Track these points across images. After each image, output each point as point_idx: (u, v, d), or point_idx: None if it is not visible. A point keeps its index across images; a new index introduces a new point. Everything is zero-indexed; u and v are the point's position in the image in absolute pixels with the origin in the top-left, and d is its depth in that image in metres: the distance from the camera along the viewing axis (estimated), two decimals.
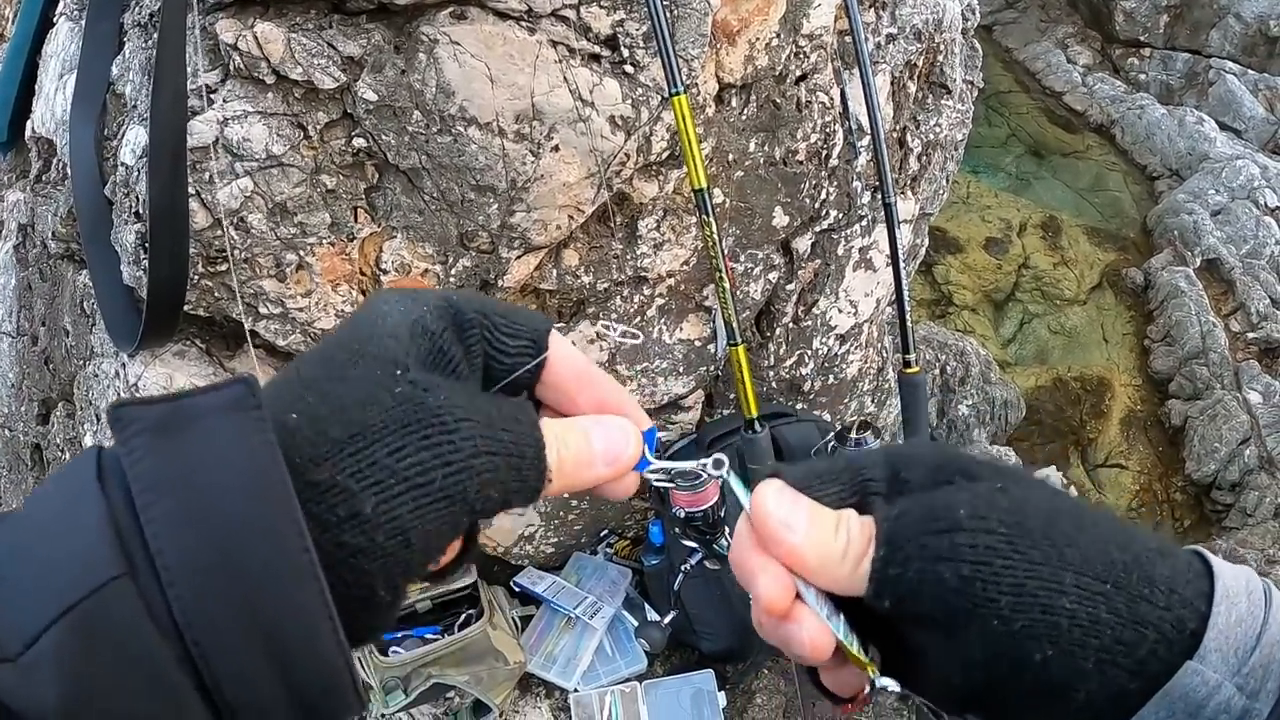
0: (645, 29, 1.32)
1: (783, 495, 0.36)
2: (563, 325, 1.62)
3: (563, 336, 0.38)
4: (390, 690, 1.77)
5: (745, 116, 1.58)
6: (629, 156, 1.41)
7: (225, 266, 1.35)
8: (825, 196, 1.76)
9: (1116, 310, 4.11)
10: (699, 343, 1.78)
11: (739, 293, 1.77)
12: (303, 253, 1.36)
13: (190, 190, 1.27)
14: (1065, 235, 4.32)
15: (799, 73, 1.61)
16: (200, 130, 1.25)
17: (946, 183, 2.24)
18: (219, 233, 1.31)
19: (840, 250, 1.87)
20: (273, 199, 1.30)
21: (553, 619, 1.99)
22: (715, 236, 1.15)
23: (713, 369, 1.85)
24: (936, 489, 0.36)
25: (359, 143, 1.31)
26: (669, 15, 1.36)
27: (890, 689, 0.38)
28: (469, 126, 1.29)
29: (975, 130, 2.27)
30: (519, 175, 1.34)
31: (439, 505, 0.31)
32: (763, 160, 1.63)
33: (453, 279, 1.43)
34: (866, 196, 1.83)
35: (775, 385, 1.97)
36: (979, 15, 2.17)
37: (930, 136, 1.96)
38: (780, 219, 1.71)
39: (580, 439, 0.36)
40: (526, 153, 1.33)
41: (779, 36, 1.53)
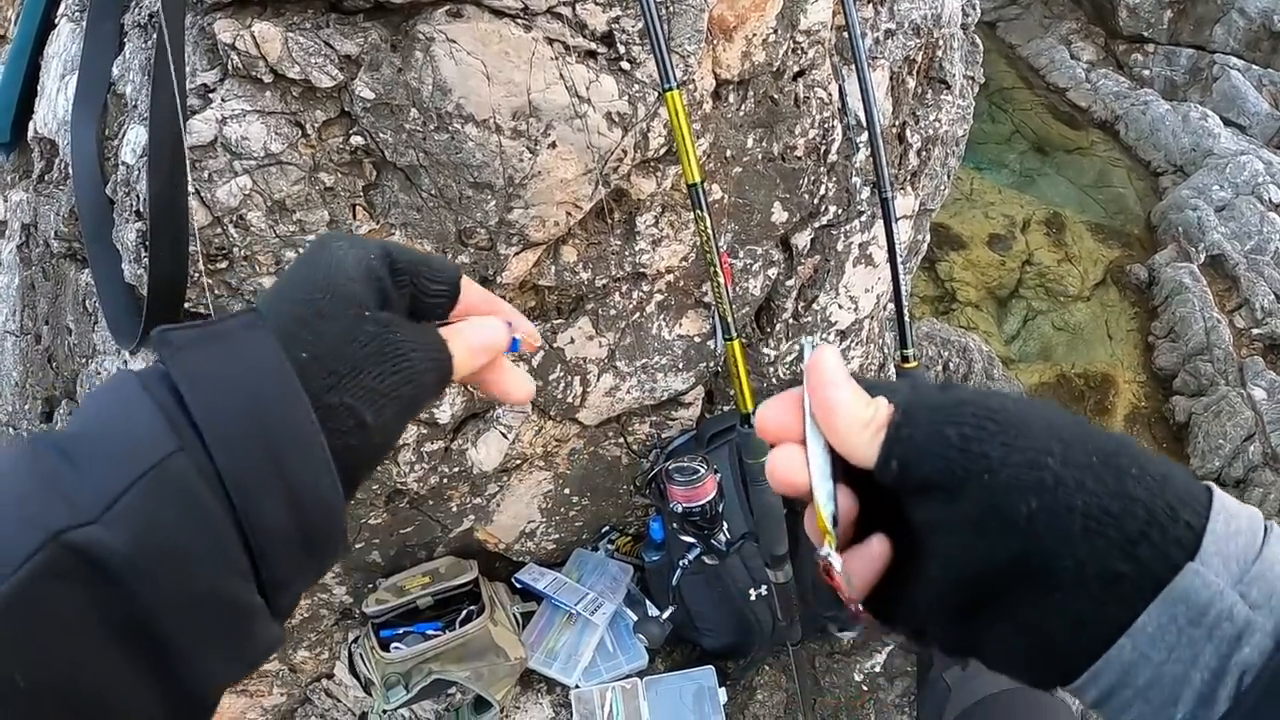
0: (641, 25, 1.33)
1: (838, 362, 0.43)
2: (561, 321, 1.63)
3: (469, 279, 0.50)
4: (391, 686, 1.78)
5: (743, 112, 1.58)
6: (626, 153, 1.42)
7: (225, 264, 1.36)
8: (824, 192, 1.76)
9: (1120, 307, 4.10)
10: (699, 339, 1.78)
11: (738, 288, 1.77)
12: (302, 249, 1.37)
13: (190, 188, 1.28)
14: (1069, 232, 4.31)
15: (797, 68, 1.61)
16: (199, 129, 1.26)
17: (948, 178, 2.24)
18: (219, 230, 1.32)
19: (840, 246, 1.87)
20: (271, 197, 1.31)
21: (554, 615, 2.00)
22: (710, 232, 1.15)
23: (712, 365, 1.85)
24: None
25: (357, 140, 1.31)
26: (666, 11, 1.36)
27: (847, 577, 0.40)
28: (466, 124, 1.30)
29: (979, 127, 2.27)
30: (516, 172, 1.35)
31: (409, 405, 0.44)
32: (761, 156, 1.63)
33: None
34: (866, 192, 1.83)
35: (776, 381, 1.97)
36: (980, 11, 2.17)
37: (930, 132, 1.96)
38: (779, 215, 1.72)
39: (458, 338, 0.48)
40: (524, 149, 1.34)
41: (776, 32, 1.53)
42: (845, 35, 1.64)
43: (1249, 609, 0.34)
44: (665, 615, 1.76)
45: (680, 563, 1.72)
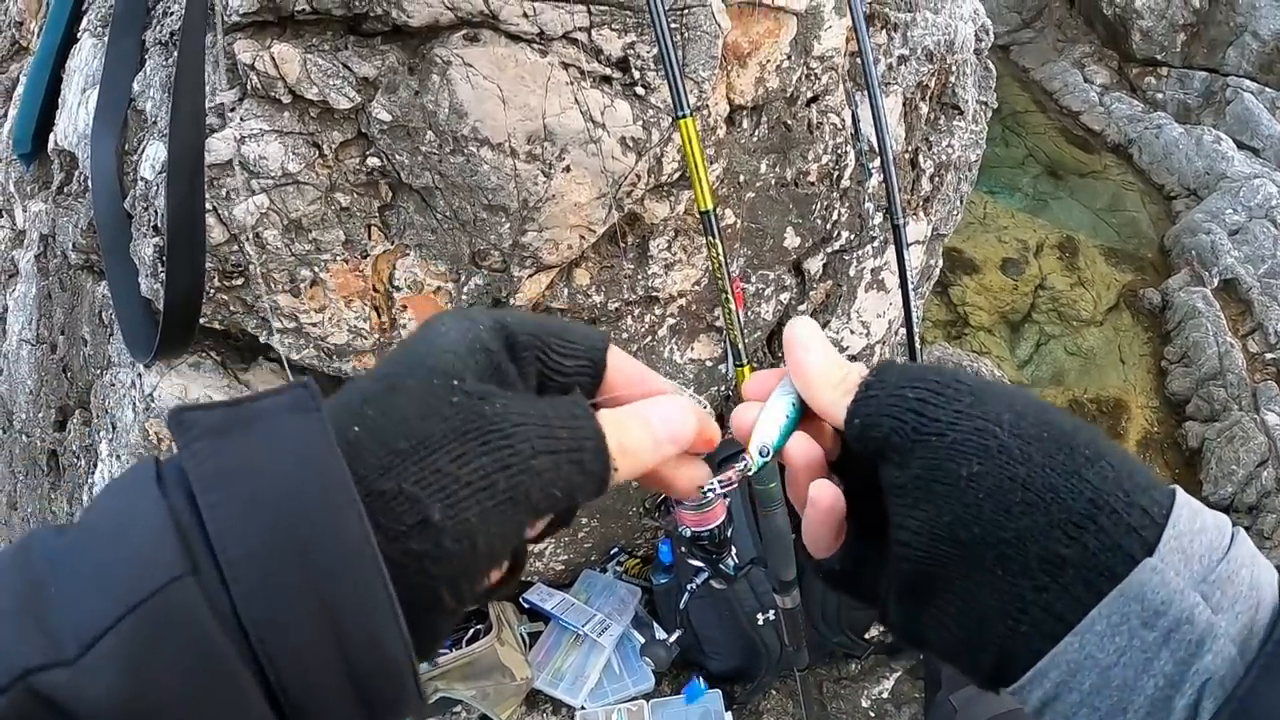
0: (656, 51, 1.34)
1: (812, 328, 0.42)
2: None
3: (617, 348, 0.40)
4: None
5: (756, 138, 1.58)
6: (640, 177, 1.42)
7: (240, 281, 1.37)
8: (837, 217, 1.77)
9: (1133, 331, 4.08)
10: (710, 363, 1.78)
11: (751, 313, 1.77)
12: (317, 269, 1.38)
13: (207, 206, 1.29)
14: (1082, 256, 4.30)
15: (810, 94, 1.62)
16: (218, 148, 1.27)
17: (960, 203, 2.24)
18: (235, 248, 1.33)
19: (852, 271, 1.87)
20: (288, 216, 1.32)
21: (561, 636, 1.99)
22: (721, 258, 1.16)
23: (724, 389, 1.85)
24: None
25: (373, 162, 1.32)
26: (680, 38, 1.37)
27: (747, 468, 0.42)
28: (481, 147, 1.31)
29: (992, 150, 2.28)
30: (530, 195, 1.35)
31: (503, 508, 0.32)
32: (774, 181, 1.64)
33: (464, 297, 1.44)
34: (878, 217, 1.83)
35: None
36: (994, 35, 2.17)
37: (943, 157, 1.96)
38: (792, 240, 1.72)
39: (638, 421, 0.38)
40: (538, 173, 1.34)
41: (790, 58, 1.54)
42: (859, 61, 1.65)
43: (1211, 612, 0.31)
44: (672, 638, 1.75)
45: (688, 586, 1.71)
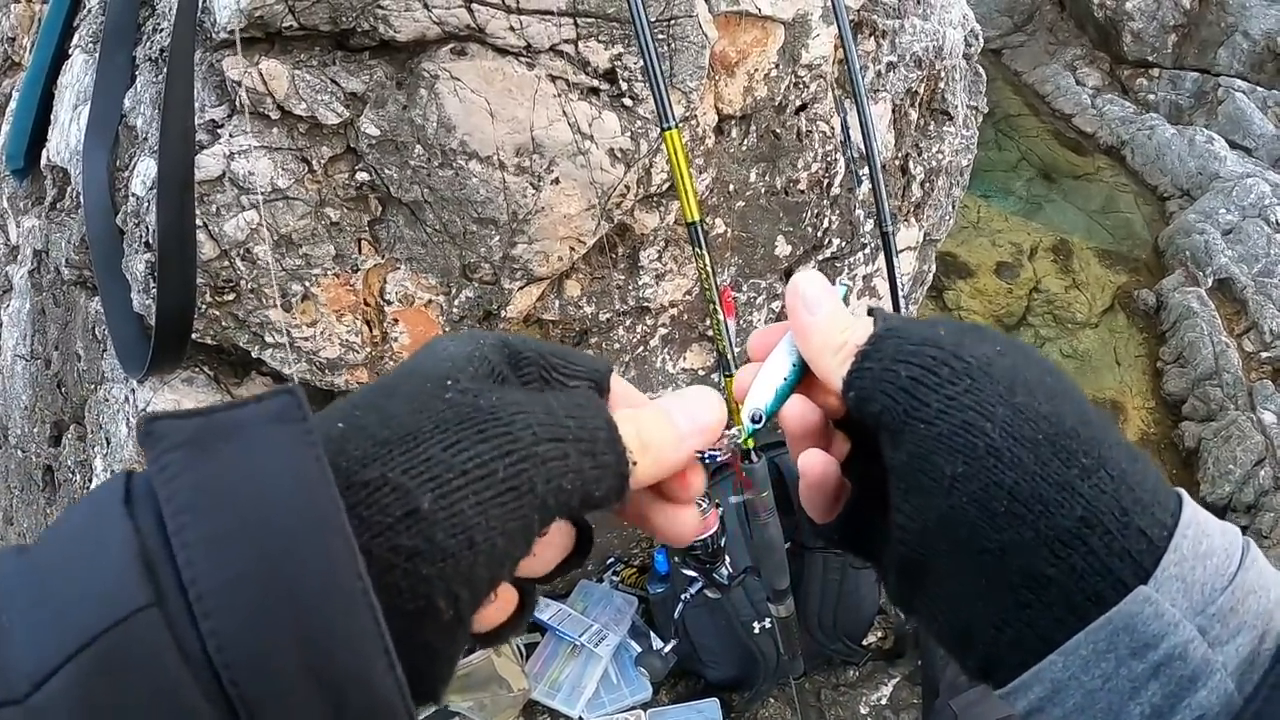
0: (644, 63, 1.34)
1: (819, 286, 0.39)
2: None
3: (620, 378, 0.37)
4: None
5: (745, 147, 1.59)
6: (629, 188, 1.43)
7: (232, 296, 1.37)
8: (828, 225, 1.77)
9: (1128, 332, 4.08)
10: (702, 372, 1.78)
11: (742, 322, 1.77)
12: (308, 284, 1.38)
13: (198, 222, 1.29)
14: (1076, 258, 4.31)
15: (799, 102, 1.62)
16: (207, 164, 1.28)
17: (953, 208, 2.25)
18: (226, 263, 1.33)
19: (843, 279, 1.87)
20: (278, 231, 1.32)
21: (558, 646, 1.99)
22: (709, 270, 1.16)
23: None
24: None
25: (362, 176, 1.32)
26: (667, 48, 1.37)
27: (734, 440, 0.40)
28: (470, 160, 1.31)
29: (985, 154, 2.28)
30: (520, 208, 1.36)
31: (504, 499, 0.29)
32: (764, 190, 1.64)
33: (455, 310, 1.44)
34: (869, 224, 1.83)
35: None
36: (985, 40, 2.18)
37: (933, 163, 1.97)
38: (783, 248, 1.72)
39: (658, 415, 0.35)
40: (527, 185, 1.35)
41: (778, 67, 1.55)
42: (847, 69, 1.66)
43: (1208, 647, 0.29)
44: (668, 648, 1.75)
45: (683, 596, 1.71)
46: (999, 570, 0.32)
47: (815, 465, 0.39)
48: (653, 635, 1.98)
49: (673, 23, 1.36)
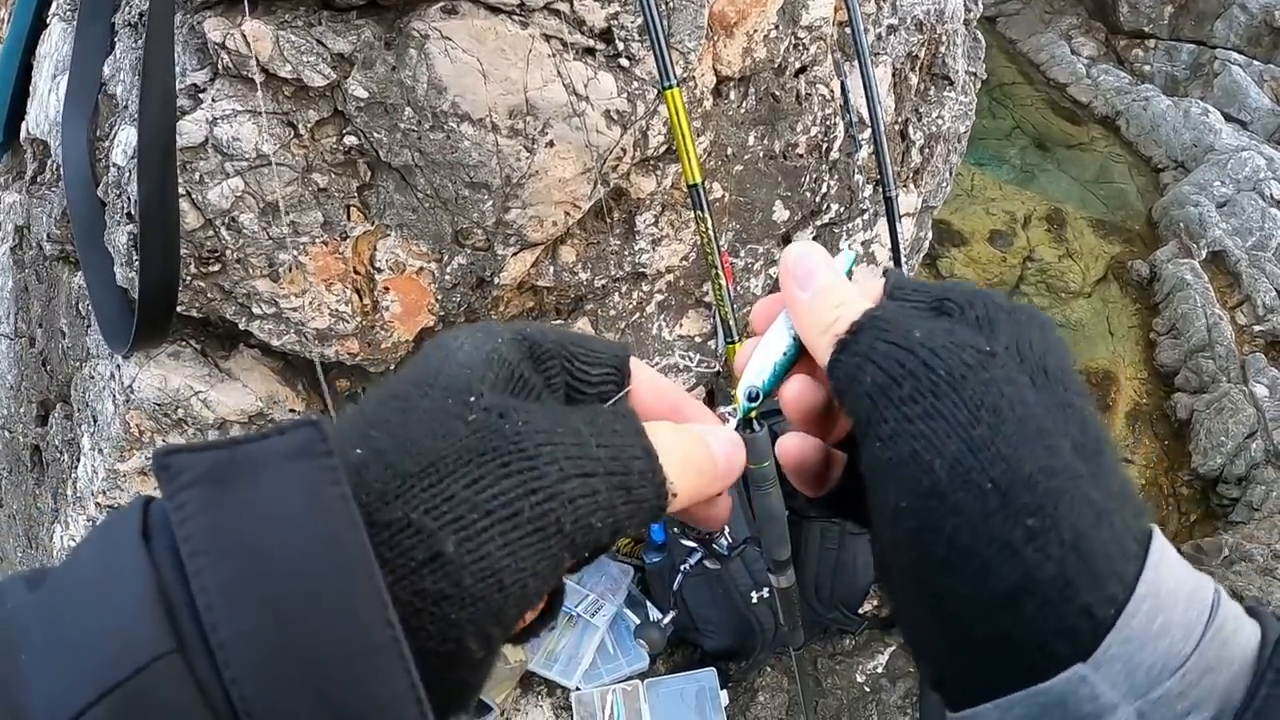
0: (640, 21, 1.31)
1: (814, 258, 0.37)
2: (560, 322, 1.61)
3: (641, 363, 0.36)
4: None
5: (744, 109, 1.56)
6: (625, 151, 1.40)
7: (218, 267, 1.34)
8: (826, 190, 1.74)
9: (1122, 303, 4.08)
10: (699, 339, 1.76)
11: (740, 288, 1.75)
12: (295, 252, 1.35)
13: (181, 190, 1.26)
14: (1070, 228, 4.30)
15: (798, 65, 1.59)
16: (189, 130, 1.24)
17: (949, 175, 2.22)
18: (210, 233, 1.30)
19: (842, 244, 1.85)
20: (264, 198, 1.29)
21: None
22: (711, 233, 1.13)
23: (714, 365, 1.83)
24: (943, 317, 0.34)
25: (350, 140, 1.29)
26: (665, 7, 1.34)
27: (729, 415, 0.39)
28: (461, 123, 1.28)
29: (979, 122, 2.26)
30: (514, 171, 1.33)
31: (531, 540, 0.28)
32: (762, 154, 1.61)
33: (448, 277, 1.42)
34: (868, 190, 1.81)
35: None
36: (981, 6, 2.14)
37: (933, 129, 1.94)
38: (781, 213, 1.70)
39: (699, 445, 0.33)
40: (521, 149, 1.32)
41: (777, 28, 1.51)
42: (847, 31, 1.62)
43: None
44: (666, 620, 1.75)
45: (682, 566, 1.70)
46: (936, 613, 0.31)
47: (791, 451, 0.38)
48: (650, 606, 1.97)
49: None
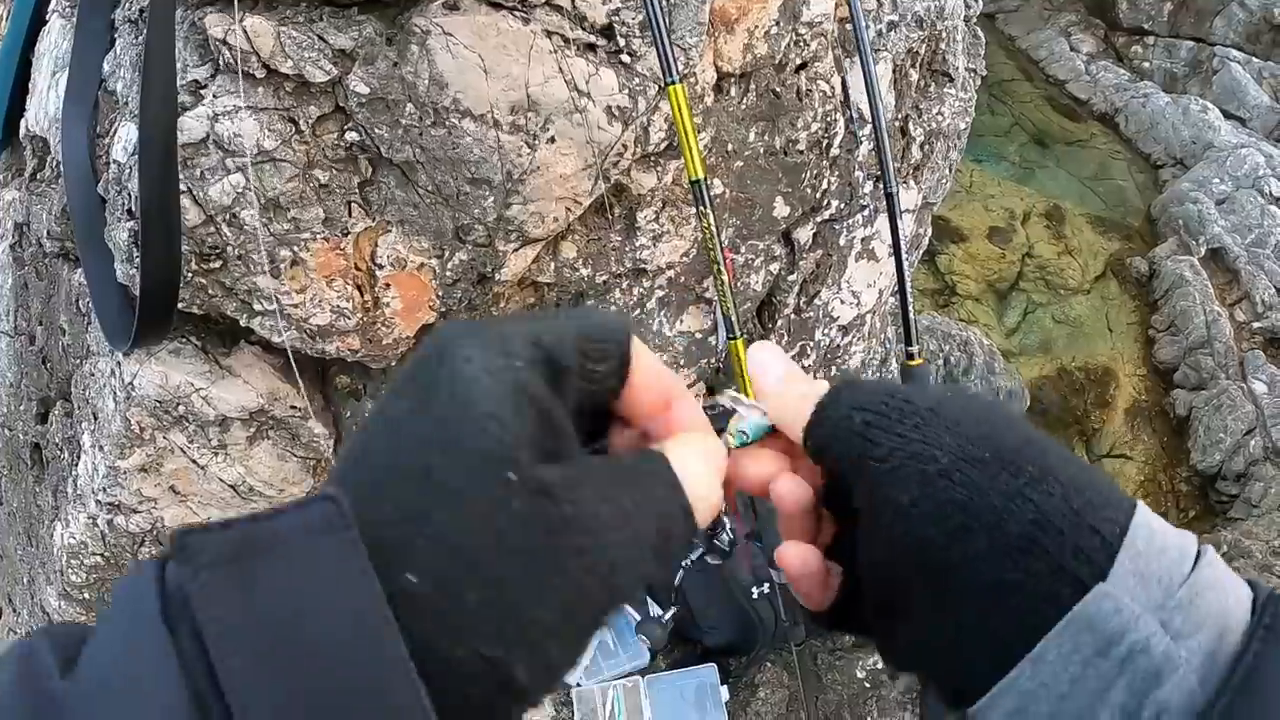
0: (641, 18, 1.30)
1: (770, 352, 0.42)
2: None
3: (638, 341, 0.35)
4: None
5: (745, 106, 1.56)
6: (626, 147, 1.39)
7: (219, 263, 1.34)
8: (827, 186, 1.74)
9: (1121, 300, 4.09)
10: (700, 335, 1.76)
11: (740, 284, 1.75)
12: (297, 248, 1.34)
13: (182, 187, 1.26)
14: (1069, 224, 4.30)
15: (799, 61, 1.59)
16: (190, 126, 1.24)
17: (949, 172, 2.22)
18: (211, 229, 1.30)
19: (842, 240, 1.85)
20: (265, 195, 1.28)
21: None
22: (713, 229, 1.14)
23: (714, 361, 1.83)
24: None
25: (352, 136, 1.29)
26: (666, 3, 1.34)
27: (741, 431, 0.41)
28: (463, 119, 1.28)
29: (978, 119, 2.26)
30: (515, 167, 1.33)
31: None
32: (763, 150, 1.61)
33: (448, 273, 1.41)
34: (869, 186, 1.81)
35: None
36: (981, 3, 2.14)
37: (933, 125, 1.94)
38: (781, 209, 1.70)
39: (715, 476, 0.36)
40: (522, 144, 1.31)
41: (778, 24, 1.51)
42: (848, 27, 1.62)
43: (1170, 640, 0.29)
44: (667, 616, 1.75)
45: (683, 563, 1.70)
46: (960, 586, 0.33)
47: (793, 559, 0.40)
48: (649, 600, 1.97)
49: None
